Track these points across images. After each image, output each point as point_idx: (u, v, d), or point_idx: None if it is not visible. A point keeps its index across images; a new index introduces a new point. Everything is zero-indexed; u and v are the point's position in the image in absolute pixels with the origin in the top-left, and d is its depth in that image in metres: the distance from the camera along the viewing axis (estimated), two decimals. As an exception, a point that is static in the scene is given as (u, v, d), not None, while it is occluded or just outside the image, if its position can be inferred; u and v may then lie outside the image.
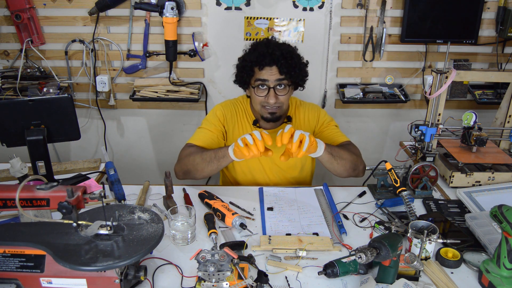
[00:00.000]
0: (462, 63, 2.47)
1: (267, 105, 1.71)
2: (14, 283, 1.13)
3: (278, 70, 1.66)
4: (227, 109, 1.87)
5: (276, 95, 1.69)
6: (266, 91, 1.69)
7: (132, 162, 2.77)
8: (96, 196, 1.15)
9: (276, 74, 1.67)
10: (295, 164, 1.88)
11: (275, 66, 1.66)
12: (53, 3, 2.33)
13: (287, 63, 1.65)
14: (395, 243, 1.14)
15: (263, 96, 1.70)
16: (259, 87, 1.70)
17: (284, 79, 1.68)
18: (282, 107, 1.73)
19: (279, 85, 1.68)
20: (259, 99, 1.72)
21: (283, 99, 1.71)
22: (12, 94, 2.36)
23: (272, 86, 1.67)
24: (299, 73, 1.71)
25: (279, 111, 1.74)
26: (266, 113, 1.73)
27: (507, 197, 1.65)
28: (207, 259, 1.15)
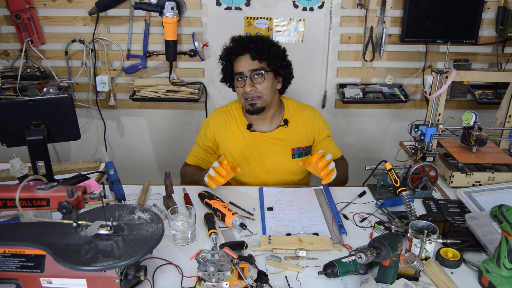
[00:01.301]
0: (462, 63, 2.47)
1: (247, 96, 1.72)
2: (14, 283, 1.13)
3: (250, 57, 1.70)
4: (217, 120, 1.87)
5: (252, 83, 1.70)
6: (243, 82, 1.72)
7: (132, 162, 2.77)
8: (96, 196, 1.15)
9: (249, 62, 1.70)
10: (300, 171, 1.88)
11: (248, 54, 1.70)
12: (53, 3, 2.33)
13: (257, 47, 1.69)
14: (395, 243, 1.14)
15: (241, 87, 1.72)
16: (238, 80, 1.73)
17: (259, 68, 1.70)
18: (263, 97, 1.72)
19: (256, 74, 1.70)
20: (240, 92, 1.75)
21: (261, 88, 1.71)
22: (12, 94, 2.35)
23: (248, 75, 1.70)
24: (274, 58, 1.72)
25: (259, 102, 1.72)
26: (247, 105, 1.74)
27: (507, 197, 1.65)
28: (207, 259, 1.15)
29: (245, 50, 1.70)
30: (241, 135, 1.83)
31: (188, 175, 1.89)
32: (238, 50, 1.71)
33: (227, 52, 1.76)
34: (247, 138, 1.83)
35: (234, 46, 1.73)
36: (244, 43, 1.71)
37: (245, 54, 1.71)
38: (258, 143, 1.83)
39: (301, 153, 1.85)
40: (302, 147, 1.85)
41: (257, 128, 1.83)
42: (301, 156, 1.85)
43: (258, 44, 1.70)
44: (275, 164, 1.83)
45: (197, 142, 1.93)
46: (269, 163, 1.83)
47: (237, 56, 1.72)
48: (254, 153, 1.82)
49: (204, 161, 1.91)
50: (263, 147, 1.82)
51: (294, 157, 1.84)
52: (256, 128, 1.83)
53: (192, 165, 1.93)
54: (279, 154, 1.83)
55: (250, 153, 1.82)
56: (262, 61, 1.71)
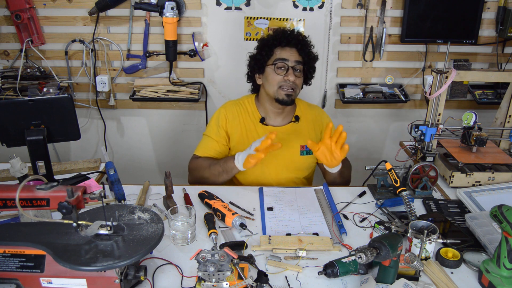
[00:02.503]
0: (462, 63, 2.47)
1: (285, 85, 1.75)
2: (14, 283, 1.13)
3: (298, 52, 1.76)
4: (229, 111, 1.87)
5: (294, 74, 1.75)
6: (284, 71, 1.75)
7: (132, 162, 2.77)
8: (96, 196, 1.15)
9: (296, 55, 1.76)
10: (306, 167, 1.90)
11: (295, 48, 1.76)
12: (53, 3, 2.33)
13: (305, 45, 1.77)
14: (395, 243, 1.14)
15: (282, 75, 1.75)
16: (279, 68, 1.75)
17: (301, 63, 1.77)
18: (296, 90, 1.78)
19: (297, 67, 1.76)
20: (277, 79, 1.76)
21: (299, 82, 1.78)
22: (12, 94, 2.35)
23: (291, 66, 1.74)
24: (312, 61, 1.82)
25: (294, 94, 1.78)
26: (283, 94, 1.76)
27: (507, 197, 1.65)
28: (207, 259, 1.15)
29: (293, 43, 1.76)
30: (254, 128, 1.85)
31: (202, 168, 1.79)
32: (286, 41, 1.75)
33: (273, 38, 1.78)
34: (259, 131, 1.84)
35: (283, 36, 1.76)
36: (294, 37, 1.77)
37: (292, 47, 1.76)
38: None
39: (309, 150, 1.87)
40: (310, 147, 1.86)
41: (270, 122, 1.86)
42: (309, 153, 1.88)
43: (305, 44, 1.78)
44: (284, 158, 1.85)
45: (207, 134, 1.87)
46: (279, 157, 1.84)
47: (284, 46, 1.76)
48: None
49: (217, 153, 1.84)
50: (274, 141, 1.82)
51: (302, 154, 1.87)
52: (269, 122, 1.86)
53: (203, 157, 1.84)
54: (289, 150, 1.85)
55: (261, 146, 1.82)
56: (305, 58, 1.78)
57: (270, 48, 1.78)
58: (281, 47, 1.77)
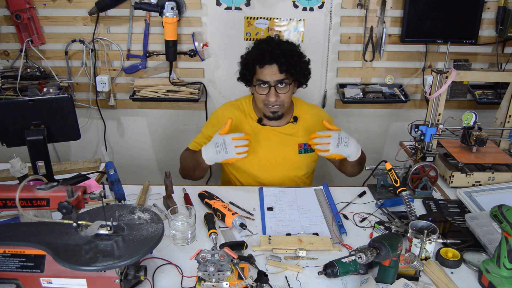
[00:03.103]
0: (462, 63, 2.47)
1: (269, 104, 1.73)
2: (14, 283, 1.13)
3: (278, 69, 1.68)
4: (227, 112, 1.88)
5: (277, 94, 1.71)
6: (267, 89, 1.71)
7: (132, 162, 2.77)
8: (96, 196, 1.15)
9: (276, 73, 1.68)
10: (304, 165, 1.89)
11: (275, 65, 1.67)
12: (53, 3, 2.33)
13: (287, 61, 1.67)
14: (395, 243, 1.14)
15: (264, 94, 1.72)
16: (260, 86, 1.72)
17: (285, 78, 1.70)
18: (284, 105, 1.75)
19: (280, 83, 1.70)
20: (260, 98, 1.74)
21: (284, 98, 1.73)
22: (12, 94, 2.35)
23: (273, 85, 1.69)
24: (300, 71, 1.72)
25: (281, 110, 1.76)
26: (268, 111, 1.76)
27: (507, 197, 1.65)
28: (207, 259, 1.15)
29: (274, 61, 1.67)
30: (250, 128, 1.85)
31: (185, 159, 1.87)
32: (266, 60, 1.67)
33: (253, 57, 1.71)
34: (256, 132, 1.84)
35: (263, 56, 1.67)
36: (275, 55, 1.66)
37: (272, 64, 1.67)
38: (267, 136, 1.85)
39: (307, 149, 1.87)
40: (308, 144, 1.85)
41: (267, 123, 1.86)
42: (307, 152, 1.87)
43: (287, 57, 1.67)
44: (282, 158, 1.85)
45: (202, 130, 1.93)
46: (277, 156, 1.84)
47: (263, 65, 1.68)
48: (263, 146, 1.84)
49: None
50: (271, 140, 1.84)
51: (300, 152, 1.87)
52: (266, 122, 1.86)
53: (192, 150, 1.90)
54: (287, 149, 1.85)
55: (259, 146, 1.83)
56: (288, 73, 1.69)
57: (252, 67, 1.72)
58: (260, 67, 1.69)
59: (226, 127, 1.67)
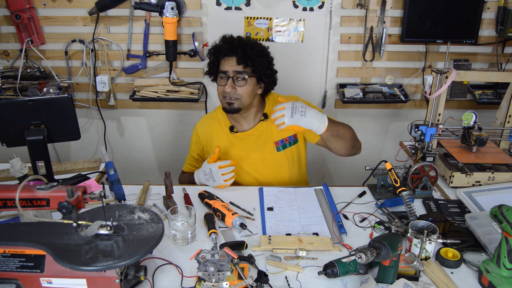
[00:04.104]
0: (462, 63, 2.47)
1: (226, 95, 1.74)
2: (14, 283, 1.13)
3: (236, 60, 1.71)
4: (203, 127, 1.92)
5: (233, 85, 1.73)
6: (225, 81, 1.74)
7: (132, 162, 2.77)
8: (96, 196, 1.15)
9: (234, 65, 1.72)
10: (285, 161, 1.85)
11: (234, 57, 1.72)
12: (53, 3, 2.33)
13: (245, 53, 1.71)
14: (395, 243, 1.14)
15: (223, 85, 1.74)
16: (221, 78, 1.75)
17: (243, 71, 1.72)
18: (241, 99, 1.74)
19: (239, 77, 1.72)
20: (220, 89, 1.77)
21: (241, 91, 1.73)
22: (12, 94, 2.35)
23: (231, 76, 1.72)
24: (259, 65, 1.73)
25: (237, 103, 1.74)
26: (225, 103, 1.76)
27: (507, 197, 1.65)
28: (207, 259, 1.15)
29: (232, 53, 1.72)
30: (226, 137, 1.86)
31: (185, 182, 1.96)
32: (226, 52, 1.73)
33: (215, 50, 1.78)
34: (232, 140, 1.85)
35: (223, 47, 1.74)
36: (233, 46, 1.72)
37: (232, 56, 1.72)
38: (242, 142, 1.85)
39: (285, 144, 1.85)
40: (285, 138, 1.85)
41: (239, 128, 1.86)
42: (286, 147, 1.85)
43: (246, 50, 1.71)
44: (262, 160, 1.84)
45: (190, 149, 2.00)
46: (256, 160, 1.84)
47: (224, 56, 1.74)
48: (241, 152, 1.84)
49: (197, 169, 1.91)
50: (247, 146, 1.84)
51: (279, 150, 1.85)
52: (239, 128, 1.86)
53: (187, 172, 2.00)
54: (263, 150, 1.84)
55: (237, 154, 1.84)
56: (247, 66, 1.72)
57: (216, 60, 1.77)
58: (222, 57, 1.75)
59: (214, 156, 1.72)
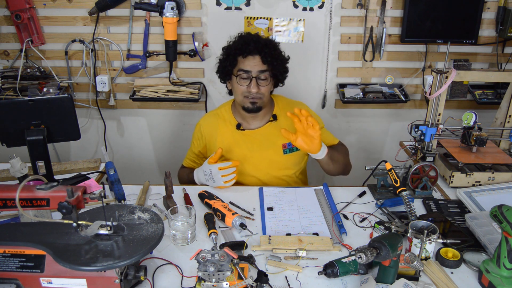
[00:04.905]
0: (462, 63, 2.47)
1: (249, 95, 1.73)
2: (14, 283, 1.13)
3: (261, 60, 1.71)
4: (206, 123, 1.91)
5: (258, 85, 1.72)
6: (248, 81, 1.72)
7: (132, 162, 2.77)
8: (96, 196, 1.15)
9: (259, 64, 1.71)
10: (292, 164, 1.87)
11: (258, 56, 1.71)
12: (53, 3, 2.33)
13: (270, 53, 1.71)
14: (395, 243, 1.14)
15: (245, 85, 1.73)
16: (242, 77, 1.73)
17: (266, 70, 1.72)
18: (263, 98, 1.75)
19: (262, 76, 1.72)
20: (241, 89, 1.74)
21: (264, 90, 1.74)
22: (12, 94, 2.35)
23: (254, 76, 1.71)
24: (281, 65, 1.76)
25: (259, 102, 1.75)
26: (247, 102, 1.75)
27: (507, 197, 1.65)
28: (207, 259, 1.15)
29: (257, 52, 1.70)
30: (231, 135, 1.85)
31: (182, 178, 1.97)
32: (249, 50, 1.70)
33: (236, 47, 1.73)
34: (237, 138, 1.84)
35: (246, 45, 1.71)
36: (259, 45, 1.70)
37: (255, 55, 1.71)
38: (249, 141, 1.84)
39: (292, 148, 1.85)
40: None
41: (247, 127, 1.85)
42: (293, 151, 1.85)
43: (271, 49, 1.71)
44: (267, 160, 1.84)
45: (191, 144, 1.99)
46: (261, 159, 1.84)
47: (247, 55, 1.71)
48: (246, 151, 1.84)
49: (198, 164, 1.93)
50: (253, 144, 1.84)
51: (285, 152, 1.85)
52: (246, 126, 1.85)
53: (187, 167, 2.00)
54: (270, 150, 1.84)
55: (241, 152, 1.83)
56: (270, 66, 1.73)
57: (234, 57, 1.74)
58: (243, 56, 1.72)
59: (215, 156, 1.72)
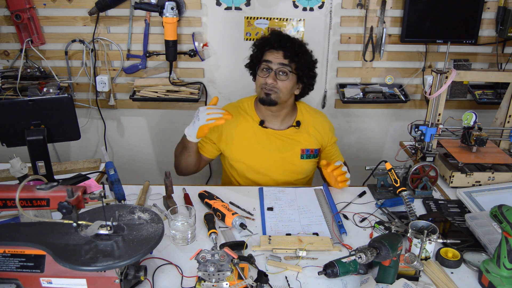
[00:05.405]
0: (462, 63, 2.47)
1: (266, 86, 1.75)
2: (14, 283, 1.13)
3: (283, 54, 1.74)
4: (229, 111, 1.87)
5: (275, 78, 1.74)
6: (268, 73, 1.75)
7: (132, 162, 2.77)
8: (96, 196, 1.15)
9: (280, 58, 1.74)
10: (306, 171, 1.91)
11: (282, 51, 1.74)
12: (53, 3, 2.33)
13: (293, 49, 1.74)
14: (395, 243, 1.14)
15: (264, 77, 1.75)
16: (263, 69, 1.76)
17: (287, 65, 1.74)
18: (279, 93, 1.76)
19: (281, 70, 1.74)
20: (260, 80, 1.78)
21: (282, 85, 1.75)
22: (12, 94, 2.35)
23: (274, 69, 1.74)
24: (303, 63, 1.77)
25: (274, 95, 1.76)
26: (263, 93, 1.77)
27: (507, 197, 1.65)
28: (207, 259, 1.15)
29: (280, 46, 1.75)
30: (252, 130, 1.85)
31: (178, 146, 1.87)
32: (274, 44, 1.75)
33: (263, 41, 1.80)
34: (257, 134, 1.84)
35: (272, 39, 1.77)
36: (282, 40, 1.75)
37: (279, 50, 1.75)
38: (269, 139, 1.85)
39: (309, 154, 1.88)
40: (311, 149, 1.89)
41: (269, 125, 1.86)
42: (310, 157, 1.89)
43: (294, 46, 1.75)
44: (283, 162, 1.85)
45: None
46: (278, 160, 1.84)
47: (271, 48, 1.76)
48: (264, 149, 1.84)
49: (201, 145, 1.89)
50: (272, 143, 1.84)
51: (303, 157, 1.87)
52: (268, 125, 1.86)
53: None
54: (289, 153, 1.85)
55: (261, 149, 1.84)
56: (292, 62, 1.75)
57: (261, 50, 1.79)
58: (268, 50, 1.77)
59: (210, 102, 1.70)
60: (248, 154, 1.83)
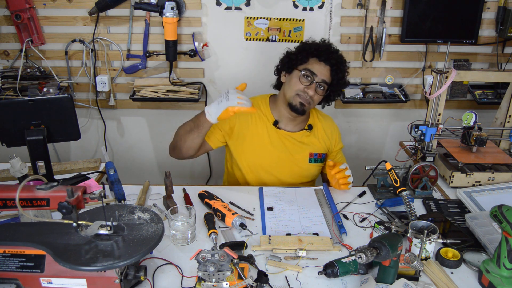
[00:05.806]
0: (462, 63, 2.47)
1: (302, 95, 1.74)
2: (14, 283, 1.13)
3: (330, 71, 1.74)
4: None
5: (315, 91, 1.74)
6: (309, 82, 1.74)
7: (132, 162, 2.77)
8: (96, 196, 1.15)
9: (327, 74, 1.74)
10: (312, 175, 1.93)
11: (329, 66, 1.74)
12: (53, 3, 2.33)
13: (338, 67, 1.74)
14: (395, 243, 1.14)
15: (304, 85, 1.74)
16: (305, 77, 1.74)
17: (328, 83, 1.76)
18: (311, 105, 1.78)
19: (322, 85, 1.75)
20: (298, 86, 1.75)
21: (316, 99, 1.77)
22: (12, 94, 2.35)
23: (316, 81, 1.73)
24: (341, 85, 1.80)
25: (308, 106, 1.77)
26: (297, 101, 1.75)
27: (507, 197, 1.65)
28: (207, 259, 1.15)
29: (328, 60, 1.73)
30: (265, 128, 1.84)
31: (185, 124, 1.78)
32: (323, 55, 1.73)
33: (315, 47, 1.76)
34: (270, 134, 1.84)
35: (322, 49, 1.74)
36: (336, 58, 1.74)
37: (326, 64, 1.74)
38: (280, 140, 1.85)
39: (317, 158, 1.89)
40: (319, 153, 1.90)
41: (282, 127, 1.86)
42: (317, 161, 1.90)
43: (342, 69, 1.76)
44: (291, 164, 1.85)
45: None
46: (287, 161, 1.85)
47: (317, 58, 1.74)
48: (275, 149, 1.84)
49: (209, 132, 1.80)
50: (283, 145, 1.85)
51: (310, 161, 1.88)
52: (281, 126, 1.86)
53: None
54: (298, 155, 1.86)
55: (271, 148, 1.83)
56: (334, 80, 1.76)
57: (307, 55, 1.75)
58: (317, 59, 1.74)
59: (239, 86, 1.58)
60: (258, 152, 1.83)
